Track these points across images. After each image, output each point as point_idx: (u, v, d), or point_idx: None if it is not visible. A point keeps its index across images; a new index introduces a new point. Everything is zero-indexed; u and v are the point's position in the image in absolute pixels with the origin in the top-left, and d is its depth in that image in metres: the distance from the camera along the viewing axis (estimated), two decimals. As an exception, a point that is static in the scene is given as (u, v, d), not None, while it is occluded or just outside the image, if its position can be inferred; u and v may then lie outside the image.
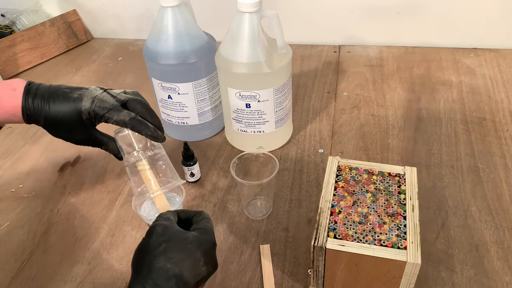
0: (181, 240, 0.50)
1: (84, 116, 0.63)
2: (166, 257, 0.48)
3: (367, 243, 0.57)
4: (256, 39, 0.77)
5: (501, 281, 0.65)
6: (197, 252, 0.50)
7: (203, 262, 0.50)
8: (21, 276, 0.72)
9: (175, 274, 0.47)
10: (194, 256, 0.49)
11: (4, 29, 1.30)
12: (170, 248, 0.49)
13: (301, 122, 0.98)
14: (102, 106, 0.63)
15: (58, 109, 0.63)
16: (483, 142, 0.89)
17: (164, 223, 0.52)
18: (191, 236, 0.51)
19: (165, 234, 0.51)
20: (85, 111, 0.63)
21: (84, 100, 0.63)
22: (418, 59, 1.17)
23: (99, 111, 0.63)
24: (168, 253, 0.49)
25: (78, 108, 0.63)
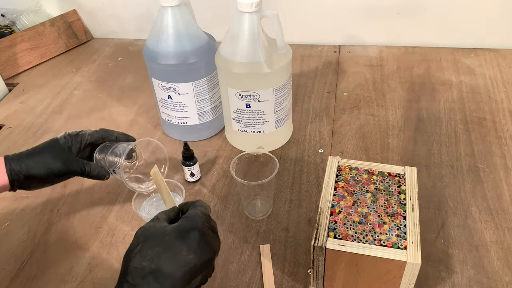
0: (158, 235, 0.49)
1: (61, 141, 0.69)
2: (141, 255, 0.47)
3: (367, 243, 0.57)
4: (256, 39, 0.77)
5: (501, 281, 0.65)
6: (175, 242, 0.48)
7: (186, 250, 0.47)
8: (21, 276, 0.72)
9: (152, 270, 0.46)
10: (172, 247, 0.47)
11: (4, 29, 1.30)
12: (145, 246, 0.48)
13: (301, 122, 0.98)
14: (73, 133, 0.71)
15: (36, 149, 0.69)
16: (483, 142, 0.89)
17: (145, 225, 0.51)
18: (169, 229, 0.50)
19: (143, 235, 0.50)
20: (61, 137, 0.70)
21: (58, 136, 0.71)
22: (418, 59, 1.17)
23: (72, 134, 0.71)
24: (143, 251, 0.48)
25: (54, 139, 0.70)
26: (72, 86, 1.18)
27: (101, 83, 1.19)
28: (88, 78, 1.22)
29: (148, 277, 0.45)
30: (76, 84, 1.19)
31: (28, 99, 1.15)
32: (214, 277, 0.69)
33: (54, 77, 1.23)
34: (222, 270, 0.70)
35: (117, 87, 1.17)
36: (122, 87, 1.16)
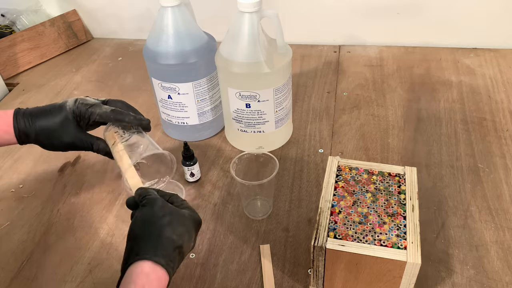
0: (180, 215, 0.54)
1: (69, 114, 0.67)
2: (171, 228, 0.52)
3: (367, 243, 0.57)
4: (256, 39, 0.77)
5: (501, 281, 0.65)
6: (192, 228, 0.54)
7: (193, 238, 0.55)
8: (21, 276, 0.71)
9: (178, 245, 0.52)
10: (190, 231, 0.54)
11: (4, 29, 1.30)
12: (174, 221, 0.53)
13: (301, 122, 0.98)
14: (84, 103, 0.68)
15: (46, 115, 0.67)
16: (483, 142, 0.89)
17: (161, 199, 0.56)
18: (186, 213, 0.55)
19: (166, 207, 0.54)
20: (70, 109, 0.67)
21: (68, 102, 0.68)
22: (418, 59, 1.17)
23: (82, 107, 0.67)
24: (173, 225, 0.52)
25: (63, 108, 0.67)
26: (72, 86, 1.18)
27: (101, 83, 1.19)
28: (88, 78, 1.22)
29: (176, 250, 0.51)
30: (76, 84, 1.19)
31: (28, 99, 1.15)
32: (214, 277, 0.69)
33: (54, 77, 1.23)
34: (222, 270, 0.70)
35: (117, 87, 1.16)
36: (122, 87, 1.16)
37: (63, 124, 0.67)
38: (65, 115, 0.67)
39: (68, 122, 0.67)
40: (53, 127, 0.67)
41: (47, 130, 0.67)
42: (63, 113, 0.67)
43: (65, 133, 0.67)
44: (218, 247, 0.73)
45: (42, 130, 0.67)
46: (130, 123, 0.69)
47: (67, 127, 0.67)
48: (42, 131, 0.67)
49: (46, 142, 0.68)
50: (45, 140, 0.67)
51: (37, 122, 0.67)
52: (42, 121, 0.67)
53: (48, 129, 0.67)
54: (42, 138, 0.67)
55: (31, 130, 0.67)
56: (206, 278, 0.69)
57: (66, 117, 0.67)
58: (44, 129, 0.67)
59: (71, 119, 0.67)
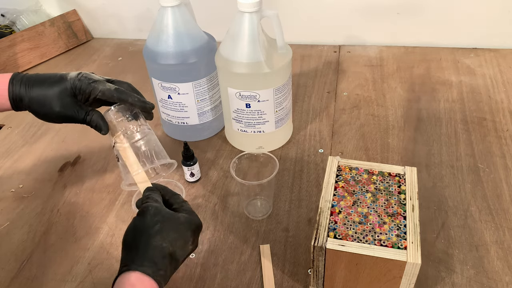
0: (174, 220, 0.54)
1: (68, 85, 0.64)
2: (161, 236, 0.51)
3: (367, 243, 0.57)
4: (256, 39, 0.77)
5: (501, 281, 0.65)
6: (188, 232, 0.54)
7: (191, 242, 0.54)
8: (21, 276, 0.71)
9: (170, 252, 0.51)
10: (185, 236, 0.53)
11: (4, 29, 1.30)
12: (165, 228, 0.52)
13: (301, 122, 0.98)
14: (88, 77, 0.65)
15: (44, 82, 0.64)
16: (483, 142, 0.89)
17: (155, 205, 0.55)
18: (182, 218, 0.55)
19: (159, 215, 0.54)
20: (70, 80, 0.64)
21: (70, 74, 0.65)
22: (418, 59, 1.17)
23: (84, 81, 0.64)
24: (163, 232, 0.52)
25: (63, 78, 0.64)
26: (72, 86, 1.18)
27: (101, 83, 1.18)
28: (88, 78, 1.21)
29: (166, 258, 0.51)
30: (76, 84, 1.19)
31: (28, 99, 1.15)
32: (214, 277, 0.69)
33: (54, 77, 1.23)
34: (222, 270, 0.70)
35: (117, 87, 1.16)
36: (122, 87, 1.16)
37: (59, 94, 0.63)
38: (64, 85, 0.64)
39: (65, 93, 0.64)
40: (47, 95, 0.63)
41: (41, 97, 0.64)
42: (62, 83, 0.64)
43: (59, 103, 0.63)
44: (218, 247, 0.73)
45: (37, 97, 0.64)
46: (134, 105, 0.66)
47: (62, 97, 0.63)
48: (36, 97, 0.64)
49: (38, 110, 0.65)
50: (38, 107, 0.64)
51: (33, 88, 0.64)
52: (38, 88, 0.64)
53: (42, 96, 0.63)
54: (36, 105, 0.64)
55: (26, 95, 0.64)
56: (206, 278, 0.69)
57: (64, 87, 0.64)
58: (38, 96, 0.64)
59: (68, 90, 0.64)
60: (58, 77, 0.65)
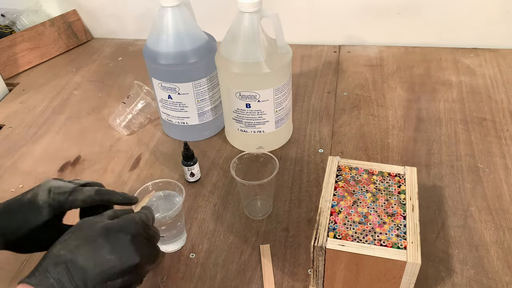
0: (87, 228, 0.48)
1: (44, 212, 0.54)
2: (63, 244, 0.47)
3: (367, 243, 0.57)
4: (256, 39, 0.77)
5: (501, 281, 0.65)
6: (99, 239, 0.47)
7: (108, 250, 0.46)
8: (21, 276, 0.71)
9: (66, 259, 0.45)
10: (94, 243, 0.47)
11: (4, 29, 1.30)
12: (71, 237, 0.47)
13: (301, 122, 0.98)
14: (61, 192, 0.56)
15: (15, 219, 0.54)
16: (483, 142, 0.89)
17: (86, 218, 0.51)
18: (100, 225, 0.49)
19: (76, 226, 0.49)
20: (44, 205, 0.54)
21: (39, 195, 0.55)
22: (418, 59, 1.17)
23: (59, 197, 0.55)
24: (67, 241, 0.47)
25: (35, 207, 0.54)
26: (72, 86, 1.18)
27: (101, 83, 1.19)
28: (88, 78, 1.22)
29: (60, 265, 0.45)
30: (76, 84, 1.19)
31: (28, 99, 1.15)
32: (214, 277, 0.69)
33: (54, 77, 1.23)
34: (222, 270, 0.70)
35: (117, 87, 1.16)
36: (122, 87, 1.16)
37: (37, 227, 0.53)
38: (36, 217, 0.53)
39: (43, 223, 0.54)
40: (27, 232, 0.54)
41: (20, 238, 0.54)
42: (32, 215, 0.54)
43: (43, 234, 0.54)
44: (218, 247, 0.73)
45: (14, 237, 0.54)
46: (119, 204, 0.59)
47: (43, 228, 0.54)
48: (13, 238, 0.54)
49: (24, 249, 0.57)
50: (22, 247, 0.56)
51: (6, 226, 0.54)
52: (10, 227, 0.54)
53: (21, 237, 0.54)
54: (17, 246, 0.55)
55: None
56: (206, 278, 0.69)
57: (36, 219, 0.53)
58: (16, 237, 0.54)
59: (46, 214, 0.54)
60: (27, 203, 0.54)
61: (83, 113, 1.08)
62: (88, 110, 1.08)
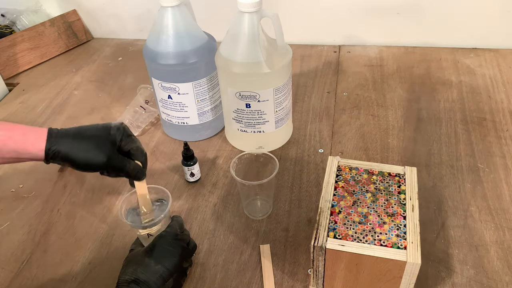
0: (133, 258, 0.63)
1: (112, 131, 0.65)
2: (123, 273, 0.61)
3: (367, 243, 0.57)
4: (256, 39, 0.77)
5: (501, 281, 0.65)
6: (145, 259, 0.62)
7: (154, 263, 0.61)
8: (21, 276, 0.72)
9: (132, 280, 0.60)
10: (143, 262, 0.61)
11: (4, 29, 1.30)
12: (126, 267, 0.62)
13: (301, 122, 0.98)
14: (127, 131, 0.67)
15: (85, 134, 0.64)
16: (483, 142, 0.89)
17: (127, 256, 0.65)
18: (141, 251, 0.64)
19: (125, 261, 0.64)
20: (115, 128, 0.66)
21: (112, 123, 0.67)
22: (418, 59, 1.17)
23: (126, 132, 0.67)
24: (125, 270, 0.62)
25: (107, 128, 0.65)
26: (72, 86, 1.18)
27: (101, 83, 1.19)
28: (88, 78, 1.22)
29: (132, 284, 0.59)
30: (76, 84, 1.19)
31: (28, 99, 1.15)
32: (214, 277, 0.69)
33: (54, 77, 1.23)
34: (222, 270, 0.70)
35: (117, 87, 1.17)
36: (122, 87, 1.16)
37: (104, 143, 0.63)
38: (108, 134, 0.64)
39: (109, 142, 0.64)
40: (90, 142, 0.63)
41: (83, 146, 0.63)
42: (105, 132, 0.64)
43: (104, 153, 0.63)
44: (218, 247, 0.73)
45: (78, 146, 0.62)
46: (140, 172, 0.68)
47: (107, 147, 0.63)
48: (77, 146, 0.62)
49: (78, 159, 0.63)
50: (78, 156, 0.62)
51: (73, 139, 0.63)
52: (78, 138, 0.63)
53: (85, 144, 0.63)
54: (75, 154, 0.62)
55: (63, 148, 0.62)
56: (206, 278, 0.69)
57: (107, 136, 0.64)
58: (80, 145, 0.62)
59: (112, 139, 0.64)
60: (101, 127, 0.65)
61: (83, 113, 1.08)
62: (88, 110, 1.08)
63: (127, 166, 0.65)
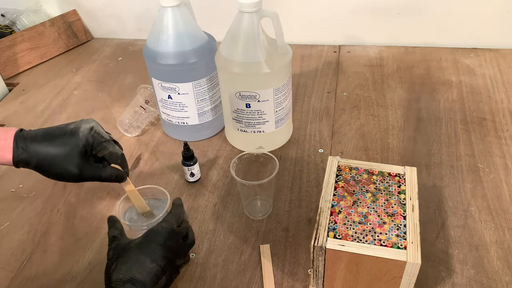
0: (124, 252, 0.60)
1: (81, 142, 0.62)
2: (117, 271, 0.58)
3: (367, 243, 0.57)
4: (256, 39, 0.77)
5: (501, 281, 0.65)
6: (139, 256, 0.59)
7: (149, 260, 0.58)
8: (21, 276, 0.71)
9: (127, 279, 0.57)
10: (138, 260, 0.59)
11: (4, 29, 1.30)
12: (118, 263, 0.59)
13: (301, 122, 0.98)
14: (100, 135, 0.64)
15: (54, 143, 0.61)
16: (483, 142, 0.89)
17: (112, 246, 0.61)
18: (133, 245, 0.61)
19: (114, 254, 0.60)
20: (83, 138, 0.62)
21: (81, 129, 0.63)
22: (418, 59, 1.17)
23: (97, 137, 0.63)
24: (118, 267, 0.58)
25: (75, 133, 0.62)
26: (72, 86, 1.18)
27: (101, 83, 1.19)
28: (88, 78, 1.22)
29: (127, 284, 0.56)
30: (76, 84, 1.19)
31: (28, 99, 1.15)
32: (214, 277, 0.69)
33: (54, 77, 1.23)
34: (222, 270, 0.70)
35: (117, 87, 1.17)
36: (122, 87, 1.16)
37: (73, 153, 0.61)
38: (76, 143, 0.61)
39: (78, 151, 0.61)
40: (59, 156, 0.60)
41: (51, 158, 0.60)
42: (73, 140, 0.61)
43: (74, 164, 0.61)
44: (218, 247, 0.73)
45: (47, 158, 0.60)
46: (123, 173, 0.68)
47: (75, 157, 0.61)
48: (46, 158, 0.60)
49: (49, 171, 0.62)
50: (49, 169, 0.61)
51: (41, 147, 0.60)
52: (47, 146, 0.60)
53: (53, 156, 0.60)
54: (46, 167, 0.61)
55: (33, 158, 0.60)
56: (206, 278, 0.69)
57: (76, 145, 0.61)
58: (48, 156, 0.60)
59: (80, 147, 0.61)
60: (69, 133, 0.62)
61: (83, 113, 1.08)
62: (88, 110, 1.08)
63: (103, 174, 0.64)
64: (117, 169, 0.66)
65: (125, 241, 0.62)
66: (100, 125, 0.66)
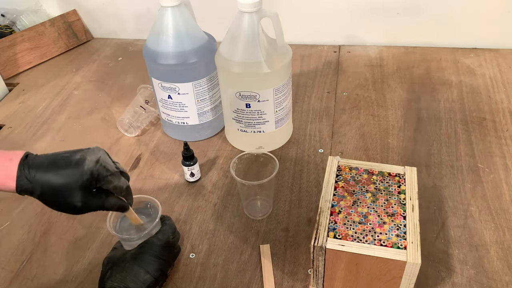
0: (120, 262, 0.63)
1: (86, 175, 0.59)
2: (111, 279, 0.61)
3: (367, 243, 0.57)
4: (256, 39, 0.77)
5: (501, 281, 0.65)
6: (134, 267, 0.62)
7: (143, 272, 0.62)
8: (21, 276, 0.72)
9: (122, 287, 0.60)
10: (132, 271, 0.62)
11: (4, 29, 1.30)
12: (113, 272, 0.62)
13: (301, 122, 0.98)
14: (105, 168, 0.60)
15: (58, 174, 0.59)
16: (483, 142, 0.89)
17: (109, 255, 0.66)
18: (128, 256, 0.64)
19: (109, 263, 0.64)
20: (87, 171, 0.59)
21: (87, 161, 0.59)
22: (418, 59, 1.17)
23: (102, 172, 0.60)
24: (112, 276, 0.61)
25: (80, 165, 0.59)
26: (72, 86, 1.18)
27: (101, 83, 1.19)
28: (88, 78, 1.22)
29: None
30: (76, 84, 1.19)
31: (28, 99, 1.15)
32: (214, 277, 0.69)
33: (54, 77, 1.23)
34: (222, 270, 0.70)
35: (117, 87, 1.17)
36: (122, 87, 1.16)
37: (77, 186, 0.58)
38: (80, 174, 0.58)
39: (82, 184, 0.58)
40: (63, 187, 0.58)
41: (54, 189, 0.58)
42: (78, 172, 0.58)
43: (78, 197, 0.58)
44: (218, 247, 0.73)
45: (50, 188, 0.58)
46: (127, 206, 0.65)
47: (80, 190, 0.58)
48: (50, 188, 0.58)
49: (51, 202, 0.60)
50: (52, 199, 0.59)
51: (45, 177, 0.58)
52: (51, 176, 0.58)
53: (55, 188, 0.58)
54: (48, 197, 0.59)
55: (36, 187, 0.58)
56: (206, 278, 0.69)
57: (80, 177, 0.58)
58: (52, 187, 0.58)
59: (85, 180, 0.58)
60: (74, 164, 0.59)
61: (83, 113, 1.08)
62: (88, 110, 1.08)
63: (105, 204, 0.61)
64: (120, 199, 0.63)
65: (122, 251, 0.65)
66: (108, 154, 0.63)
